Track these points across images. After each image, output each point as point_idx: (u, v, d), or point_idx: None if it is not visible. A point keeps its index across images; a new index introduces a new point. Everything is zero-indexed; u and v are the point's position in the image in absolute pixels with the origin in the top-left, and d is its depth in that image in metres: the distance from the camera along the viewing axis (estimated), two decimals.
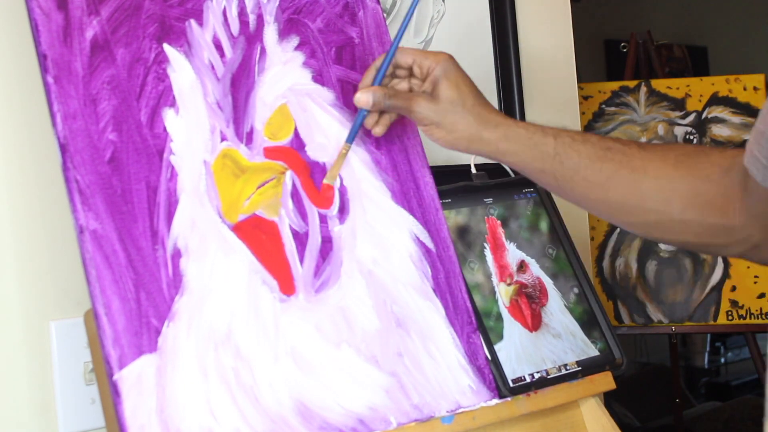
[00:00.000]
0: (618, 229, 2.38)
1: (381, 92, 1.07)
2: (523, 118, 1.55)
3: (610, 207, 1.05)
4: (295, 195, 1.07)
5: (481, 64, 1.53)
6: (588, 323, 1.28)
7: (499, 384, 1.13)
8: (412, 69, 1.10)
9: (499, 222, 1.27)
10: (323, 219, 1.08)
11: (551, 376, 1.19)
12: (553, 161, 1.04)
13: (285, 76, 1.11)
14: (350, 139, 1.09)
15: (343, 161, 1.09)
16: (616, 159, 1.02)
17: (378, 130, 1.11)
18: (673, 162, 1.01)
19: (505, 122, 1.06)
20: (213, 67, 1.06)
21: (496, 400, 1.12)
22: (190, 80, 1.03)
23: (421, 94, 1.08)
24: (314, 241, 1.07)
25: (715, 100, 2.36)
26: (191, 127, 1.02)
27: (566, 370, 1.21)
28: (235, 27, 1.09)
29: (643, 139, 2.39)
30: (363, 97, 1.07)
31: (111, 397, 0.90)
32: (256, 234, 1.03)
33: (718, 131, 2.34)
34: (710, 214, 0.99)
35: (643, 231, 1.09)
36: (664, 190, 1.00)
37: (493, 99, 1.54)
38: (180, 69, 1.03)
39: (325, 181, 1.09)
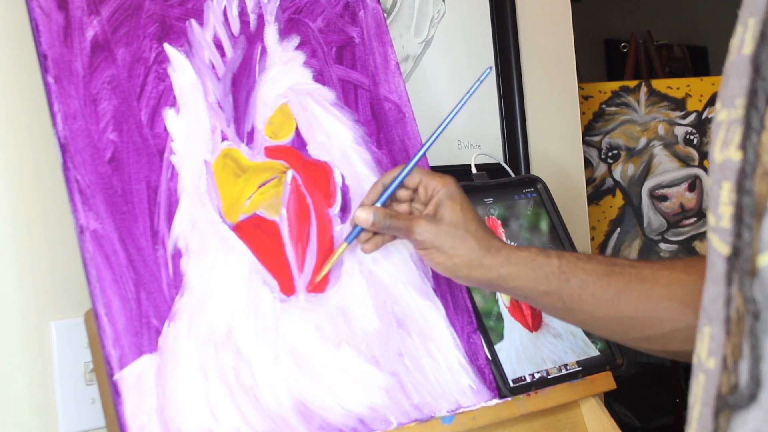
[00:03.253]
0: (618, 230, 2.38)
1: (382, 212, 1.02)
2: (523, 118, 1.55)
3: (622, 323, 0.99)
4: (296, 194, 1.07)
5: (481, 64, 1.53)
6: None
7: (499, 384, 1.13)
8: (417, 190, 1.06)
9: (499, 222, 1.27)
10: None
11: (551, 376, 1.19)
12: (559, 280, 0.99)
13: (286, 76, 1.11)
14: (349, 240, 1.05)
15: (336, 259, 1.05)
16: (624, 272, 0.98)
17: (367, 247, 1.06)
18: (682, 268, 0.96)
19: (507, 247, 1.02)
20: (213, 67, 1.05)
21: (496, 400, 1.12)
22: (190, 80, 1.03)
23: (423, 216, 1.03)
24: (315, 241, 1.07)
25: (715, 100, 2.36)
26: (192, 126, 1.02)
27: (566, 370, 1.21)
28: (235, 27, 1.09)
29: (644, 139, 2.39)
30: (362, 216, 1.02)
31: (111, 397, 0.89)
32: (257, 234, 1.03)
33: None
34: None
35: (660, 345, 1.01)
36: (676, 297, 0.95)
37: (494, 99, 1.54)
38: (180, 69, 1.03)
39: (316, 278, 1.05)
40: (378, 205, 1.04)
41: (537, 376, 1.18)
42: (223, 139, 1.04)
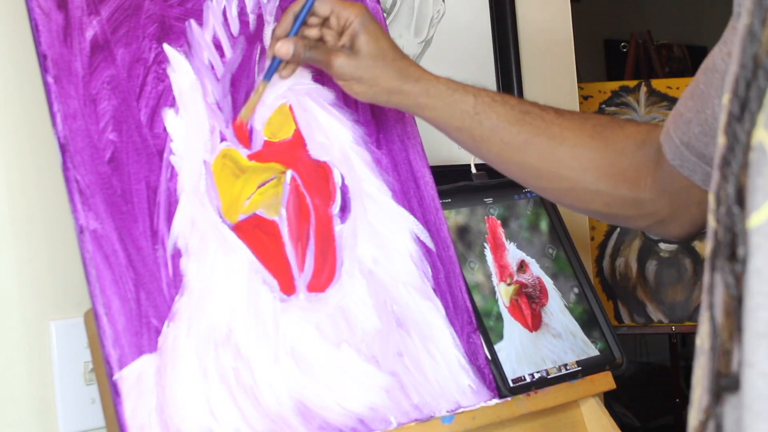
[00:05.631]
0: (618, 230, 2.38)
1: (302, 44, 1.04)
2: None
3: (524, 170, 1.04)
4: (295, 194, 1.07)
5: (481, 64, 1.53)
6: (588, 323, 1.28)
7: (499, 384, 1.13)
8: (328, 19, 1.06)
9: (499, 222, 1.27)
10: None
11: (551, 376, 1.19)
12: (472, 120, 1.03)
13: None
14: (267, 77, 1.06)
15: (258, 99, 1.06)
16: (534, 124, 1.02)
17: (285, 74, 1.07)
18: (590, 132, 1.01)
19: (426, 76, 1.05)
20: (213, 67, 1.05)
21: (496, 400, 1.12)
22: (189, 80, 1.03)
23: (341, 49, 1.04)
24: (315, 241, 1.07)
25: None
26: (191, 127, 1.02)
27: (566, 370, 1.21)
28: (234, 27, 1.09)
29: None
30: (283, 48, 1.03)
31: (111, 397, 0.89)
32: (257, 234, 1.03)
33: None
34: (621, 186, 1.00)
35: (555, 197, 1.09)
36: (579, 159, 1.01)
37: None
38: (180, 69, 1.03)
39: (239, 116, 1.06)
40: (292, 35, 1.04)
41: (537, 376, 1.18)
42: (222, 139, 1.04)
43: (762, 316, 0.54)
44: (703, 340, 0.62)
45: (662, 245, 2.36)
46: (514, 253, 1.26)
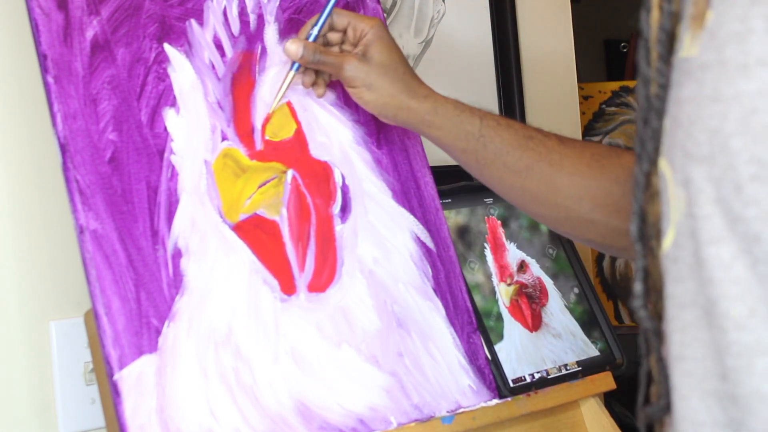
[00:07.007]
0: None
1: (312, 46, 1.05)
2: (523, 118, 1.55)
3: (524, 195, 1.04)
4: (296, 194, 1.07)
5: (481, 65, 1.53)
6: (588, 323, 1.28)
7: (499, 384, 1.13)
8: (346, 32, 1.08)
9: (499, 222, 1.27)
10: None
11: (551, 376, 1.19)
12: (477, 142, 1.03)
13: None
14: (294, 70, 1.07)
15: (286, 90, 1.08)
16: (537, 150, 1.02)
17: (319, 92, 1.11)
18: (588, 160, 1.01)
19: (434, 95, 1.06)
20: (213, 67, 1.05)
21: (496, 400, 1.12)
22: (190, 80, 1.03)
23: (353, 54, 1.06)
24: (315, 241, 1.07)
25: None
26: (192, 126, 1.02)
27: (566, 370, 1.21)
28: (235, 27, 1.09)
29: None
30: (292, 48, 1.04)
31: (111, 397, 0.89)
32: (257, 234, 1.02)
33: None
34: (616, 217, 0.99)
35: (553, 225, 1.09)
36: (575, 187, 1.00)
37: (493, 99, 1.54)
38: (180, 69, 1.03)
39: (269, 112, 1.08)
40: (309, 40, 1.06)
41: (537, 376, 1.18)
42: (223, 139, 1.04)
43: (677, 338, 0.56)
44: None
45: None
46: (514, 253, 1.26)
